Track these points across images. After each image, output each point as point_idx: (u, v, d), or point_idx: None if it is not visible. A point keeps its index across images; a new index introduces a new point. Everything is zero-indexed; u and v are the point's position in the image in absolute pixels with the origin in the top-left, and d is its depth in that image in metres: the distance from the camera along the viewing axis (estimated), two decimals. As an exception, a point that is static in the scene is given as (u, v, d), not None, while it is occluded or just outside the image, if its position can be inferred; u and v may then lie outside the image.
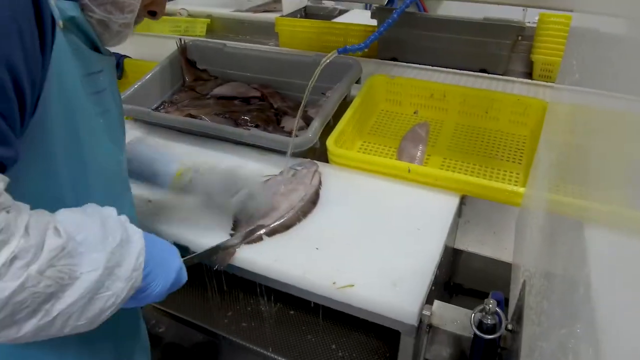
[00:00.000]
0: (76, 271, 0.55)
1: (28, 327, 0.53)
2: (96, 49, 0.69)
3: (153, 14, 0.75)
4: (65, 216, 0.59)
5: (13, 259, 0.50)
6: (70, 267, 0.55)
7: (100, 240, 0.58)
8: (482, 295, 0.97)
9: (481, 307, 0.66)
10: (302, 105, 1.08)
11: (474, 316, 0.67)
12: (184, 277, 0.75)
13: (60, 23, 0.58)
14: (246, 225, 0.95)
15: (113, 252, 0.59)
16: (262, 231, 0.94)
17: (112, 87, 0.75)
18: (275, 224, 0.96)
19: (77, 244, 0.56)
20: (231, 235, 0.94)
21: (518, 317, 0.64)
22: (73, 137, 0.64)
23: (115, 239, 0.60)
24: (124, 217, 0.66)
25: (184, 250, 0.97)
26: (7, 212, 0.51)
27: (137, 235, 0.64)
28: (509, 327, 0.66)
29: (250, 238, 0.93)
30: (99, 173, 0.71)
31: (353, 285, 0.84)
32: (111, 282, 0.58)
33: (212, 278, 1.20)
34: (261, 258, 0.90)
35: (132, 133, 1.34)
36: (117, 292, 0.59)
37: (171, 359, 1.20)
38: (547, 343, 0.46)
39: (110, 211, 0.65)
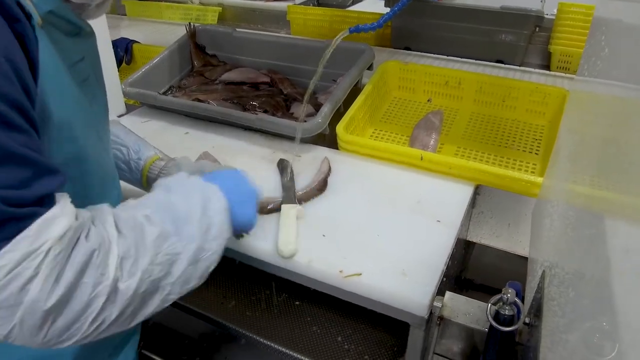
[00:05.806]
0: (177, 247, 0.59)
1: (154, 305, 0.59)
2: (75, 31, 0.63)
3: None
4: (151, 201, 0.63)
5: (122, 262, 0.54)
6: (172, 246, 0.59)
7: (186, 214, 0.62)
8: (494, 292, 0.93)
9: (498, 297, 0.62)
10: (309, 89, 1.04)
11: (490, 307, 0.63)
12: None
13: (39, 21, 0.53)
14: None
15: (200, 220, 0.63)
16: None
17: (97, 72, 0.70)
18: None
19: (170, 225, 0.60)
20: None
21: (537, 311, 0.60)
22: (72, 135, 0.60)
23: (198, 207, 0.63)
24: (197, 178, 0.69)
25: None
26: (93, 223, 0.54)
27: (216, 193, 0.67)
28: (527, 320, 0.62)
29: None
30: (95, 167, 0.66)
31: (360, 274, 0.80)
32: (208, 243, 0.63)
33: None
34: (265, 244, 0.87)
35: (139, 119, 1.31)
36: (215, 249, 0.64)
37: (172, 348, 1.18)
38: (573, 335, 0.42)
39: (184, 176, 0.70)
